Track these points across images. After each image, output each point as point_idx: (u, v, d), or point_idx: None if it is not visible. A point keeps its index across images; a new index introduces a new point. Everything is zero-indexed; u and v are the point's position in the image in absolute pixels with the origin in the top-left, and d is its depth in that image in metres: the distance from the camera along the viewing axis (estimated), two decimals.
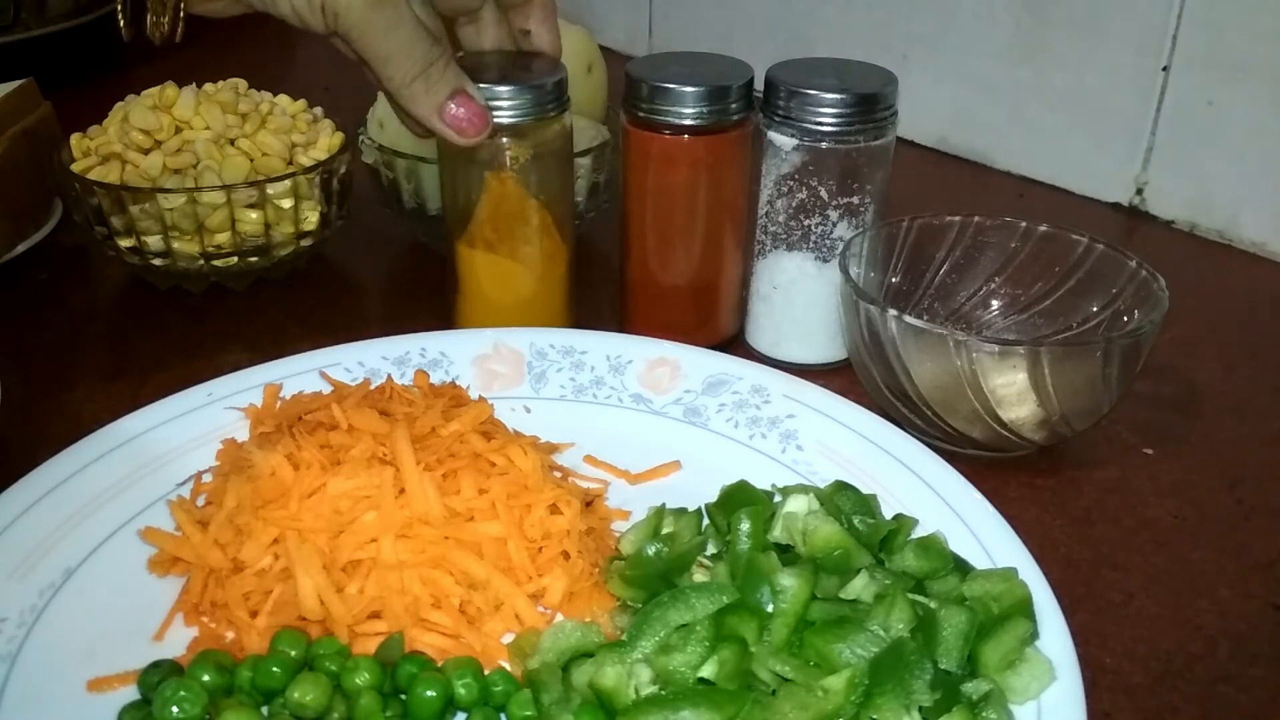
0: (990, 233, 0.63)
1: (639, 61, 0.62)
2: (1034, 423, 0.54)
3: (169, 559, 0.48)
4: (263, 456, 0.48)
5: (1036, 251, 0.62)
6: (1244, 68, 0.77)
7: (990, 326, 0.64)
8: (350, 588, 0.45)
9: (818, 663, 0.41)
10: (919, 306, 0.64)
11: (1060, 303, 0.62)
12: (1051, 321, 0.62)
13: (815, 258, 0.62)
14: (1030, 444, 0.57)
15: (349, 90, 0.85)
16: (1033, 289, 0.63)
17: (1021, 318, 0.63)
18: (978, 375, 0.52)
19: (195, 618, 0.46)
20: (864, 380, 0.59)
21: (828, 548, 0.45)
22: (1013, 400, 0.53)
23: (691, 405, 0.58)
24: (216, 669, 0.42)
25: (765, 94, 0.61)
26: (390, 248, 0.79)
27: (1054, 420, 0.54)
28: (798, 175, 0.60)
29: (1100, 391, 0.54)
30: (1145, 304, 0.57)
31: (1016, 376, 0.52)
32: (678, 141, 0.60)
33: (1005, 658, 0.42)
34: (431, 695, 0.41)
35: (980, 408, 0.54)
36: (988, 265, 0.64)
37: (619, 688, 0.40)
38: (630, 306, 0.67)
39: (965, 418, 0.55)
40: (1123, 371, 0.54)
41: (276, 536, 0.46)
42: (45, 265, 0.74)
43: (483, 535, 0.47)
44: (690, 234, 0.63)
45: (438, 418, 0.51)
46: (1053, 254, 0.62)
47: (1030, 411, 0.54)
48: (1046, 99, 0.88)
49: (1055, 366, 0.52)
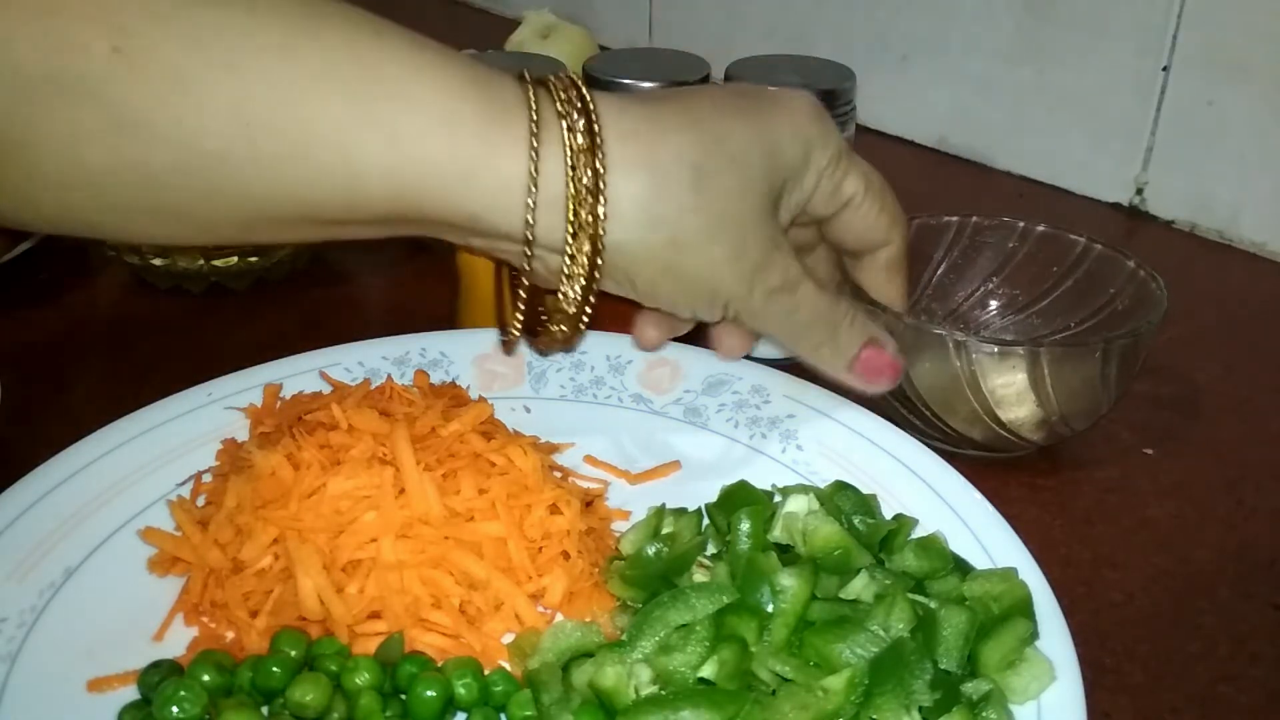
0: (988, 233, 0.63)
1: (598, 58, 0.62)
2: (1033, 423, 0.54)
3: (169, 559, 0.48)
4: (263, 456, 0.48)
5: (1034, 251, 0.62)
6: (1244, 68, 0.77)
7: (989, 327, 0.64)
8: (350, 588, 0.45)
9: (818, 663, 0.41)
10: (917, 307, 0.64)
11: (1059, 303, 0.62)
12: (1050, 322, 0.62)
13: None
14: (1030, 444, 0.57)
15: None
16: (1031, 289, 0.63)
17: (1020, 318, 0.63)
18: (977, 376, 0.52)
19: (195, 618, 0.46)
20: None
21: (828, 548, 0.45)
22: (1012, 401, 0.53)
23: (691, 405, 0.58)
24: (216, 669, 0.42)
25: None
26: (390, 248, 0.79)
27: (1053, 420, 0.54)
28: None
29: (1099, 392, 0.54)
30: (1144, 304, 0.57)
31: (1016, 377, 0.52)
32: None
33: (1005, 658, 0.42)
34: (431, 695, 0.41)
35: (979, 408, 0.54)
36: (986, 265, 0.64)
37: (619, 688, 0.40)
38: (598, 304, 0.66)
39: (964, 418, 0.55)
40: (1121, 372, 0.53)
41: (276, 536, 0.46)
42: (45, 265, 0.74)
43: (483, 535, 0.47)
44: None
45: (438, 418, 0.51)
46: (1051, 254, 0.62)
47: (1029, 412, 0.54)
48: (1046, 99, 0.88)
49: (1054, 367, 0.52)
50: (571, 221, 0.43)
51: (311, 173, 0.40)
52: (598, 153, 0.42)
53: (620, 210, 0.43)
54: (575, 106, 0.43)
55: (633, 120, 0.44)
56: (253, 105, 0.39)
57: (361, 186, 0.41)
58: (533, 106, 0.42)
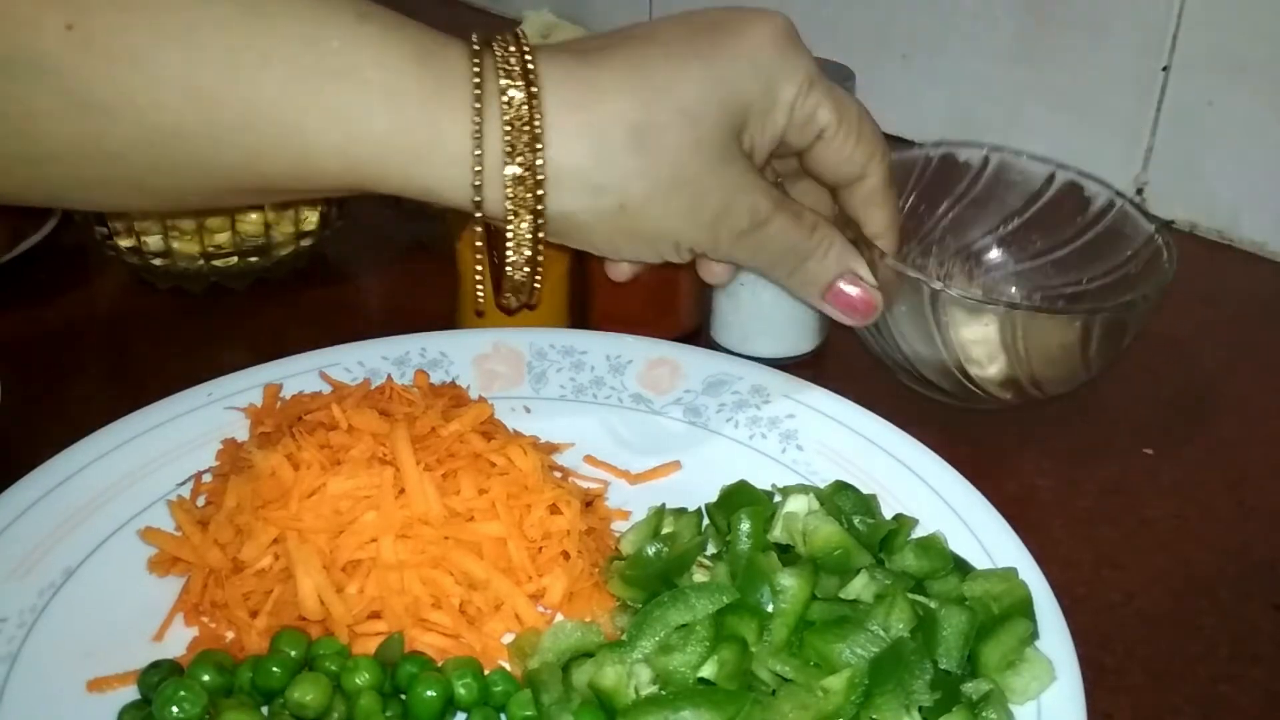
0: (1015, 170, 0.61)
1: None
2: (1000, 380, 0.54)
3: (169, 559, 0.48)
4: (263, 456, 0.48)
5: (1060, 197, 0.60)
6: (1244, 68, 0.77)
7: (1001, 268, 0.62)
8: (350, 588, 0.45)
9: (818, 663, 0.41)
10: (928, 239, 0.62)
11: (1075, 256, 0.60)
12: (1064, 273, 0.60)
13: None
14: (1000, 401, 0.57)
15: None
16: (1051, 237, 0.61)
17: (1033, 264, 0.62)
18: (948, 326, 0.52)
19: (195, 618, 0.46)
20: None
21: (828, 548, 0.45)
22: (982, 356, 0.53)
23: (691, 405, 0.58)
24: (216, 669, 0.42)
25: None
26: (390, 248, 0.79)
27: (1023, 382, 0.54)
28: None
29: (1077, 362, 0.53)
30: (1152, 275, 0.55)
31: (987, 332, 0.52)
32: None
33: (1005, 657, 0.42)
34: (431, 695, 0.41)
35: (948, 358, 0.53)
36: (1009, 205, 0.62)
37: (619, 688, 0.40)
38: (590, 299, 0.67)
39: (935, 368, 0.54)
40: (1106, 345, 0.53)
41: (276, 536, 0.46)
42: (45, 265, 0.74)
43: (483, 535, 0.47)
44: None
45: (438, 418, 0.51)
46: (1075, 204, 0.60)
47: (999, 369, 0.53)
48: (1046, 99, 0.88)
49: (1029, 329, 0.51)
50: (510, 197, 0.42)
51: (266, 147, 0.40)
52: (535, 124, 0.42)
53: (561, 181, 0.43)
54: (515, 71, 0.42)
55: (574, 84, 0.43)
56: (203, 80, 0.39)
57: (315, 163, 0.41)
58: (474, 77, 0.42)
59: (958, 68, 0.93)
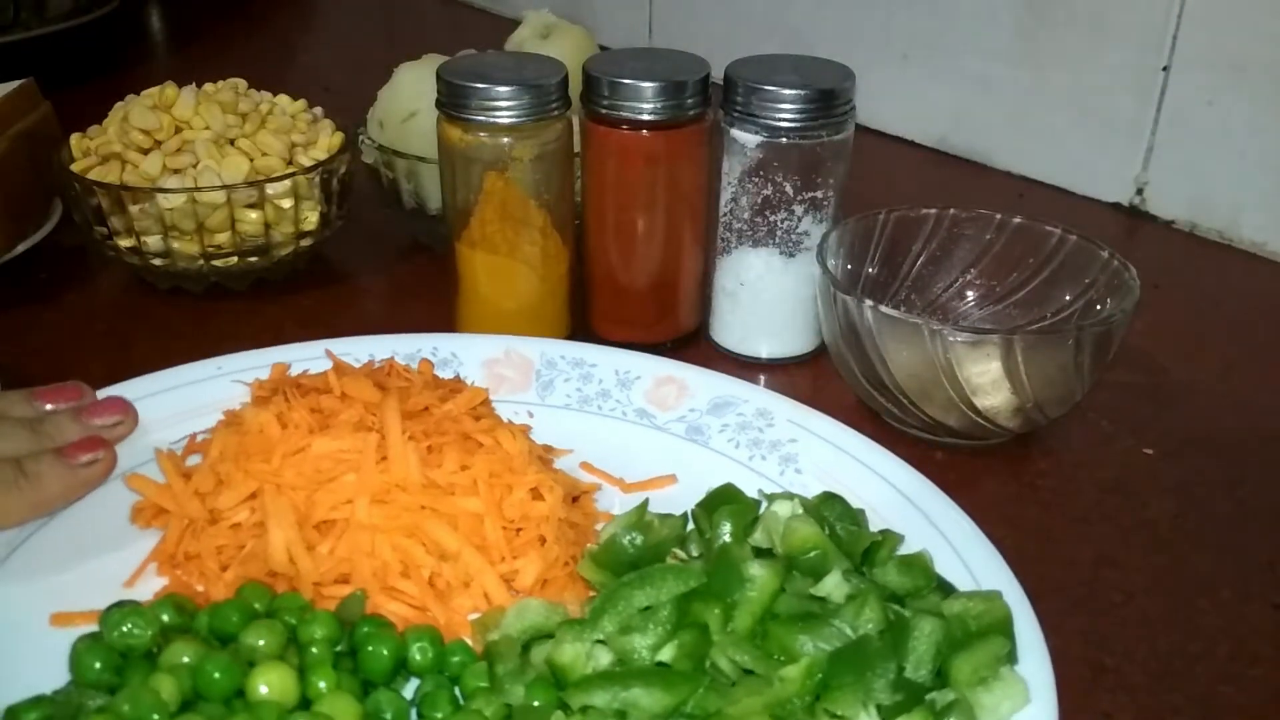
0: (966, 225, 0.64)
1: (597, 58, 0.63)
2: (1009, 410, 0.54)
3: (151, 509, 0.48)
4: (253, 413, 0.49)
5: (1011, 243, 0.63)
6: (1244, 68, 0.77)
7: (967, 317, 0.64)
8: (321, 547, 0.45)
9: (780, 656, 0.40)
10: (896, 298, 0.64)
11: (1035, 293, 0.62)
12: (1026, 311, 0.62)
13: (781, 253, 0.62)
14: (1006, 431, 0.57)
15: (349, 90, 0.85)
16: (1008, 280, 0.63)
17: (997, 308, 0.64)
18: (952, 364, 0.53)
19: (168, 568, 0.47)
20: (842, 371, 0.59)
21: (804, 548, 0.44)
22: (987, 388, 0.53)
23: (695, 424, 0.57)
24: (176, 609, 0.43)
25: (725, 91, 0.61)
26: (390, 248, 0.79)
27: (1028, 408, 0.54)
28: (761, 171, 0.60)
29: (1073, 379, 0.54)
30: (1117, 293, 0.57)
31: (990, 365, 0.53)
32: (635, 136, 0.60)
33: (977, 672, 0.40)
34: (384, 653, 0.41)
35: (955, 395, 0.54)
36: (964, 257, 0.64)
37: (575, 664, 0.40)
38: (591, 300, 0.67)
39: (941, 406, 0.55)
40: (1094, 359, 0.54)
41: (255, 491, 0.47)
42: (45, 265, 0.74)
43: (460, 509, 0.47)
44: (649, 228, 0.63)
45: (433, 398, 0.51)
46: (1027, 245, 0.62)
47: (1004, 399, 0.54)
48: (1046, 99, 0.88)
49: (1028, 355, 0.52)
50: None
51: None
52: None
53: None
54: None
55: None
56: None
57: None
58: None
59: (958, 68, 0.93)
